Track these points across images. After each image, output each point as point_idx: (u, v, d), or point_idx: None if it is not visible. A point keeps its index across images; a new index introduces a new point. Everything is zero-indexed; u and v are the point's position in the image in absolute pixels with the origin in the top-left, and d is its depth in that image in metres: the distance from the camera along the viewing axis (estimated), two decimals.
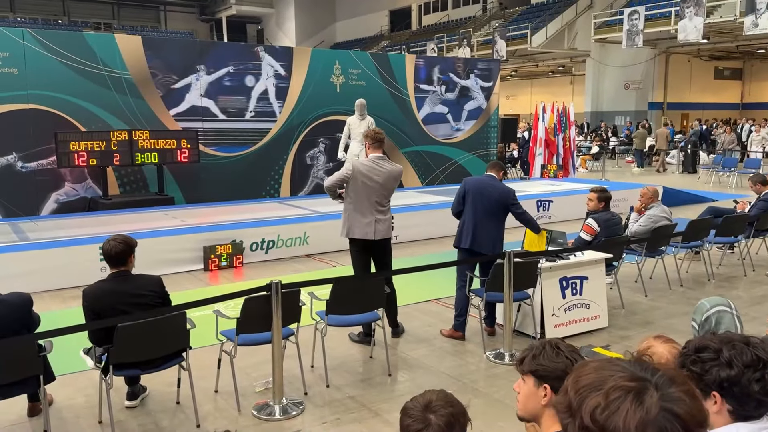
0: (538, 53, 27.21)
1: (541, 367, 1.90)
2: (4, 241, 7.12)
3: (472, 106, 13.72)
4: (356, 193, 5.08)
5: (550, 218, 10.65)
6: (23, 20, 34.07)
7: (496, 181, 5.40)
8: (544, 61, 29.39)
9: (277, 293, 3.95)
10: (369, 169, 5.09)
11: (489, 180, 5.38)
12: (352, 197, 5.10)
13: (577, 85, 31.60)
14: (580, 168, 18.04)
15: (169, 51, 10.34)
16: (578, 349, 2.03)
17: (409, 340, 5.34)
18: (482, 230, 5.22)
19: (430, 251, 8.52)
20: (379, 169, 5.11)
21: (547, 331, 5.24)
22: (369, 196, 5.07)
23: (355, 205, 5.09)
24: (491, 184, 5.35)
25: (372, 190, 5.07)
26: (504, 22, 29.14)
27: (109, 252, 3.79)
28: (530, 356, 1.95)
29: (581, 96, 28.97)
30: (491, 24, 30.22)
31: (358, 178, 5.06)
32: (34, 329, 3.54)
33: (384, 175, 5.11)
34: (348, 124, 10.19)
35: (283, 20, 39.79)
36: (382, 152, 5.21)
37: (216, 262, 7.70)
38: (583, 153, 20.71)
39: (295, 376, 4.48)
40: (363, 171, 5.08)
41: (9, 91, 8.90)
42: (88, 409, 4.08)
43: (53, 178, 9.39)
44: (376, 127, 5.43)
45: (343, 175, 5.12)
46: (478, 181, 5.41)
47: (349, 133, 10.17)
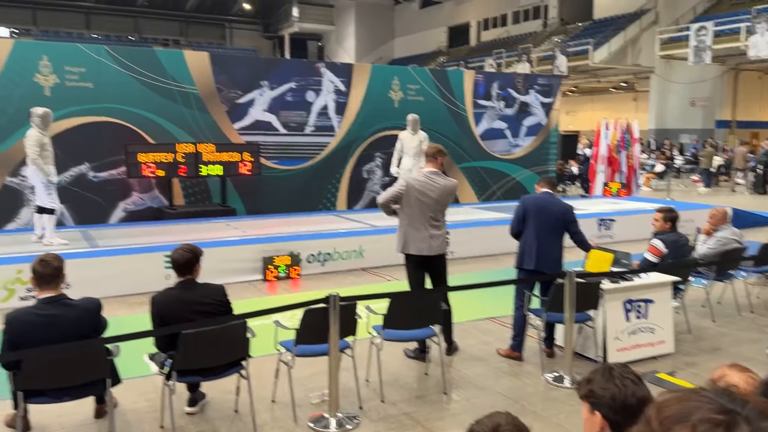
0: (599, 69, 26.68)
1: (591, 393, 1.83)
2: (76, 248, 7.45)
3: (532, 122, 13.55)
4: (410, 208, 5.08)
5: (611, 238, 10.36)
6: (98, 37, 35.83)
7: (555, 197, 5.32)
8: (606, 76, 28.79)
9: (335, 306, 3.98)
10: (423, 184, 5.08)
11: (548, 197, 5.28)
12: (407, 213, 5.10)
13: (640, 102, 30.78)
14: (643, 187, 17.51)
15: (234, 67, 10.66)
16: (641, 376, 1.95)
17: (465, 358, 5.27)
18: (546, 249, 5.12)
19: (485, 268, 8.42)
20: (432, 184, 5.09)
21: (609, 355, 5.08)
22: (423, 212, 5.05)
23: (410, 220, 5.09)
24: (551, 201, 5.26)
25: (426, 205, 5.06)
26: (565, 38, 28.75)
27: (177, 260, 3.92)
28: (585, 380, 1.88)
29: (644, 113, 28.18)
30: (552, 39, 29.86)
31: (411, 193, 5.06)
32: (102, 333, 3.67)
33: (438, 190, 5.09)
34: (400, 138, 10.22)
35: (343, 37, 40.45)
36: (437, 167, 5.19)
37: (274, 272, 7.84)
38: (647, 171, 20.10)
39: (350, 389, 4.48)
40: (416, 186, 5.07)
41: (84, 104, 9.35)
42: (150, 413, 4.20)
43: (122, 187, 9.78)
44: (435, 143, 5.42)
45: (396, 191, 5.13)
46: (537, 198, 5.30)
47: (402, 148, 10.18)
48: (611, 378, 1.84)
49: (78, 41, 25.87)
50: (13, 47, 9.00)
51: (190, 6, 38.67)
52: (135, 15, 38.36)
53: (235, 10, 40.09)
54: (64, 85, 9.19)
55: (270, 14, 41.32)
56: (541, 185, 5.39)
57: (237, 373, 3.99)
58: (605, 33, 26.43)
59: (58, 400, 3.52)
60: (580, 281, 4.80)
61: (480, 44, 35.83)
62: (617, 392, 1.79)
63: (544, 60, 27.31)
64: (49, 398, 3.49)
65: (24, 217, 9.08)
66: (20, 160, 8.80)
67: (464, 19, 37.26)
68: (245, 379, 3.98)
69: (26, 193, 9.05)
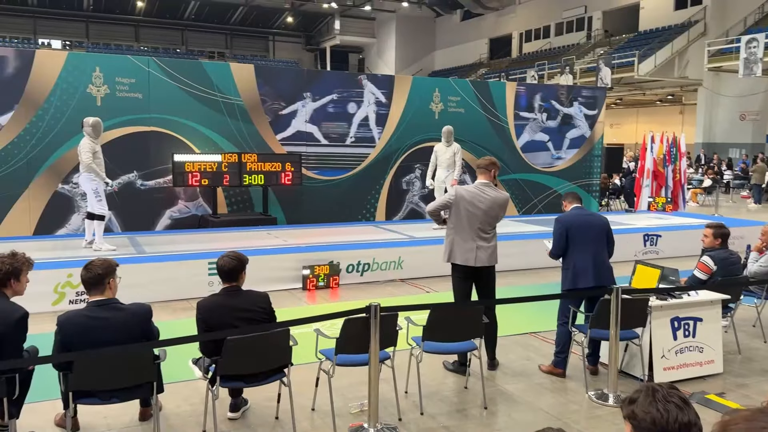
0: (645, 81, 26.20)
1: (633, 414, 1.76)
2: (124, 253, 7.65)
3: (575, 135, 13.37)
4: (458, 218, 5.06)
5: (657, 254, 10.12)
6: (146, 49, 36.95)
7: (588, 210, 5.32)
8: (652, 89, 28.25)
9: (376, 316, 3.98)
10: (472, 195, 5.07)
11: (583, 212, 5.23)
12: (455, 222, 5.09)
13: (687, 115, 30.10)
14: (690, 202, 17.07)
15: (278, 79, 10.84)
16: (690, 396, 1.88)
17: (506, 373, 5.20)
18: (602, 263, 5.02)
19: (525, 282, 8.32)
20: (483, 195, 5.06)
21: (655, 373, 4.95)
22: (471, 223, 5.03)
23: (457, 230, 5.07)
24: (589, 214, 5.25)
25: (474, 216, 5.03)
26: (609, 50, 28.35)
27: (223, 267, 3.99)
28: (628, 400, 1.81)
29: (692, 126, 27.53)
30: (595, 51, 29.48)
31: (460, 203, 5.05)
32: (153, 339, 3.75)
33: (488, 202, 5.06)
34: (435, 151, 10.18)
35: (383, 49, 40.76)
36: (489, 179, 5.17)
37: (314, 281, 7.89)
38: (694, 186, 19.60)
39: (389, 400, 4.47)
40: (466, 197, 5.06)
41: (134, 114, 9.63)
42: (193, 417, 4.27)
43: (168, 195, 10.02)
44: (489, 156, 5.41)
45: (446, 200, 5.15)
46: (575, 216, 5.17)
47: (436, 160, 10.15)
48: (654, 401, 1.75)
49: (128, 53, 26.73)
50: (67, 59, 9.34)
51: (235, 19, 39.54)
52: (182, 28, 39.44)
53: (279, 23, 40.83)
54: (114, 96, 9.49)
55: (312, 27, 41.96)
56: (570, 201, 5.30)
57: (279, 381, 4.03)
58: (651, 45, 25.96)
59: (107, 402, 3.61)
60: (627, 297, 4.70)
61: (522, 56, 35.63)
62: (659, 417, 1.71)
63: (588, 72, 26.97)
64: (98, 399, 3.57)
65: (74, 223, 9.38)
66: (71, 168, 9.11)
67: (506, 31, 37.13)
68: (287, 387, 4.01)
69: (77, 199, 9.35)
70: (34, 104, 9.03)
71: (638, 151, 15.49)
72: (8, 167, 8.96)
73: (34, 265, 3.88)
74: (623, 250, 9.69)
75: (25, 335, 3.57)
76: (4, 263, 3.62)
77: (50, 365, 3.61)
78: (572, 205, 5.25)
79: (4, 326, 3.43)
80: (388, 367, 4.32)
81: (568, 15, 33.18)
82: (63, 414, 3.79)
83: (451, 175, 9.84)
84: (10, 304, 3.57)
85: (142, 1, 35.56)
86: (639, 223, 11.09)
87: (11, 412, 3.42)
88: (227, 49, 40.81)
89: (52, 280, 6.74)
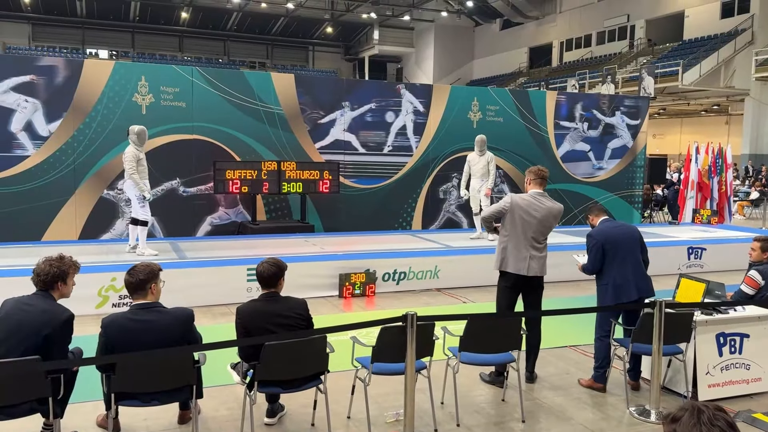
0: (690, 91, 25.60)
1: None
2: (166, 258, 7.80)
3: (617, 145, 13.14)
4: (513, 226, 5.01)
5: (702, 267, 9.84)
6: (189, 59, 37.82)
7: (618, 221, 5.23)
8: (697, 99, 27.58)
9: (412, 325, 3.96)
10: (528, 204, 5.02)
11: (614, 223, 5.15)
12: (509, 230, 5.04)
13: (733, 126, 29.25)
14: (736, 214, 16.57)
15: (318, 88, 10.96)
16: (734, 415, 1.80)
17: (545, 386, 5.12)
18: (642, 275, 4.93)
19: (563, 294, 8.18)
20: (538, 204, 5.02)
21: (699, 390, 4.80)
22: (525, 232, 4.98)
23: (511, 238, 5.02)
24: (621, 226, 5.14)
25: (529, 225, 4.98)
26: (652, 59, 27.82)
27: (262, 273, 4.03)
28: (671, 418, 1.73)
29: (738, 137, 26.75)
30: (638, 60, 28.96)
31: (515, 211, 5.00)
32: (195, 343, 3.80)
33: (543, 211, 5.01)
34: (468, 160, 9.99)
35: (422, 59, 40.83)
36: (543, 189, 5.13)
37: (350, 289, 7.92)
38: (741, 198, 19.02)
39: (425, 410, 4.44)
40: (522, 205, 5.01)
41: (177, 122, 9.85)
42: (230, 422, 4.31)
43: (209, 202, 10.20)
44: (542, 166, 5.36)
45: (500, 207, 5.08)
46: (608, 229, 5.06)
47: (470, 170, 9.98)
48: (699, 423, 1.67)
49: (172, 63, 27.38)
50: (114, 68, 9.62)
51: (276, 30, 40.17)
52: (224, 38, 40.25)
53: (318, 33, 41.32)
54: (159, 104, 9.72)
55: (351, 37, 42.33)
56: (596, 215, 5.23)
57: (315, 387, 4.04)
58: (696, 54, 25.38)
59: (147, 404, 3.67)
60: (671, 311, 4.58)
61: (562, 65, 35.25)
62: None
63: (630, 81, 26.50)
64: (139, 401, 3.64)
65: (118, 228, 9.62)
66: (117, 175, 9.36)
67: (546, 40, 36.80)
68: (323, 394, 4.02)
69: (121, 205, 9.60)
70: (82, 112, 9.32)
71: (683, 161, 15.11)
72: (56, 173, 9.25)
73: (80, 269, 3.98)
74: (667, 263, 9.50)
75: (71, 337, 3.67)
76: (52, 266, 3.73)
77: (93, 367, 3.69)
78: (600, 218, 5.17)
79: (51, 327, 3.53)
80: (424, 377, 4.29)
81: (610, 24, 32.70)
82: (105, 415, 3.87)
83: (485, 185, 9.69)
84: (57, 305, 3.67)
85: (186, 12, 36.45)
86: (683, 236, 10.82)
87: (56, 411, 3.50)
88: (268, 59, 41.47)
89: (97, 284, 6.92)
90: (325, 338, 3.92)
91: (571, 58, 34.99)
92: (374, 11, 36.10)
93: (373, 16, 36.87)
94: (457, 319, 4.59)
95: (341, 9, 36.43)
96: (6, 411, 3.39)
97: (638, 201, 13.52)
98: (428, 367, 4.31)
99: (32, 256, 6.90)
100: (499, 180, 12.12)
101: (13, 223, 8.99)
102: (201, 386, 3.84)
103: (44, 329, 3.50)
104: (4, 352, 3.44)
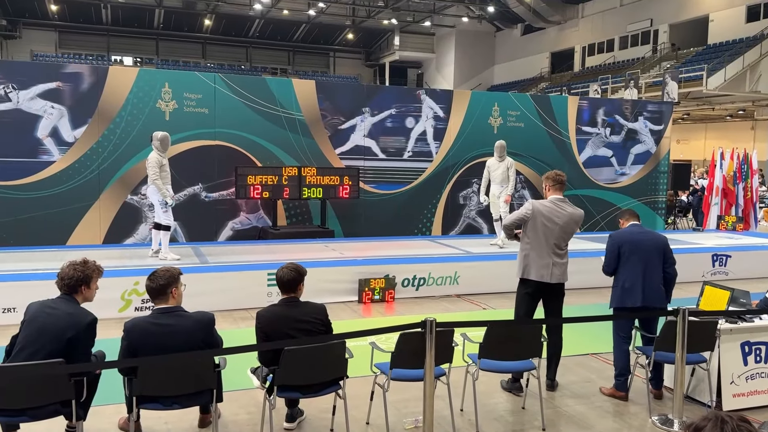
0: (714, 96, 25.23)
1: None
2: (188, 263, 7.88)
3: (640, 150, 13.00)
4: (535, 233, 4.99)
5: (727, 275, 9.67)
6: (212, 66, 38.25)
7: (645, 228, 5.15)
8: (722, 104, 27.17)
9: (432, 331, 3.95)
10: (549, 210, 5.00)
11: (639, 229, 5.08)
12: (531, 237, 5.02)
13: (759, 131, 28.77)
14: (762, 221, 16.25)
15: (338, 94, 11.02)
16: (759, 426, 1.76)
17: (566, 395, 5.06)
18: (651, 283, 4.87)
19: (585, 302, 8.09)
20: (560, 211, 5.01)
21: (724, 400, 4.71)
22: (548, 238, 4.97)
23: (533, 245, 5.00)
24: (645, 232, 5.09)
25: (551, 231, 4.97)
26: (676, 63, 27.48)
27: (282, 278, 4.06)
28: (694, 427, 1.70)
29: (764, 142, 26.31)
30: (662, 65, 28.63)
31: (537, 218, 4.98)
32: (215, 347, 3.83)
33: (565, 217, 5.01)
34: (487, 166, 9.87)
35: (442, 64, 40.80)
36: (562, 194, 5.11)
37: (369, 295, 7.92)
38: (767, 205, 18.67)
39: (444, 417, 4.42)
40: (543, 212, 4.99)
41: (199, 128, 9.96)
42: (250, 426, 4.33)
43: (231, 207, 10.29)
44: (558, 170, 5.35)
45: (522, 214, 5.05)
46: (629, 233, 5.06)
47: (489, 176, 9.85)
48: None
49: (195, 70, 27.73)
50: (138, 75, 9.76)
51: (298, 36, 40.46)
52: (247, 45, 40.63)
53: (340, 39, 41.52)
54: (182, 111, 9.84)
55: (372, 43, 42.47)
56: (627, 218, 5.21)
57: (334, 393, 4.04)
58: (721, 58, 25.01)
59: (168, 408, 3.70)
60: (694, 319, 4.50)
61: (584, 70, 34.96)
62: None
63: (653, 86, 26.20)
64: (160, 405, 3.67)
65: (141, 232, 9.74)
66: (140, 180, 9.49)
67: (568, 45, 36.55)
68: (342, 399, 4.02)
69: (144, 210, 9.72)
70: (107, 118, 9.47)
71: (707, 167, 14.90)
72: (81, 178, 9.40)
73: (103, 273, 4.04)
74: (691, 270, 9.35)
75: (94, 340, 3.72)
76: (76, 270, 3.78)
77: (116, 370, 3.74)
78: (629, 223, 5.15)
79: (75, 330, 3.58)
80: (443, 383, 4.27)
81: (633, 28, 32.38)
82: (127, 418, 3.92)
83: (505, 191, 9.57)
84: (80, 309, 3.73)
85: (209, 19, 36.87)
86: (708, 243, 10.66)
87: (78, 414, 3.55)
88: (290, 65, 41.76)
89: (120, 288, 7.01)
90: (344, 343, 3.92)
91: (594, 63, 34.69)
92: (395, 17, 36.17)
93: (394, 22, 36.95)
94: (476, 326, 4.56)
95: (362, 15, 36.58)
96: (30, 413, 3.45)
97: (662, 207, 13.35)
98: (447, 374, 4.29)
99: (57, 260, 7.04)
100: (520, 186, 12.05)
101: (39, 228, 9.15)
102: (221, 390, 3.87)
103: (68, 332, 3.56)
104: (29, 355, 3.50)
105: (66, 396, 3.46)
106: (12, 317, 6.43)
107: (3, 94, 8.99)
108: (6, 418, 3.47)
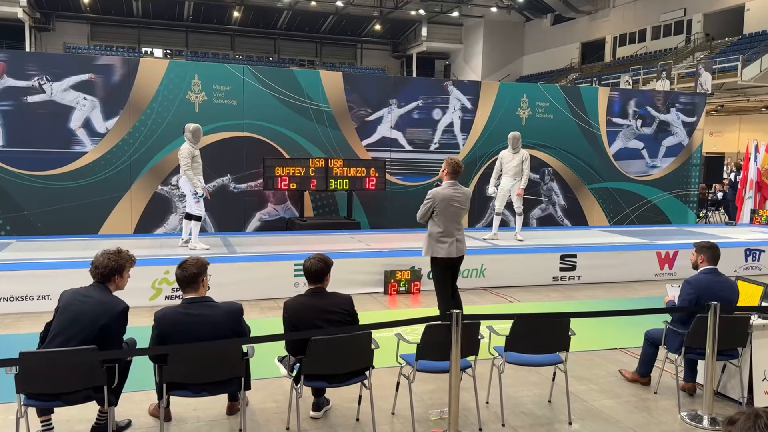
0: (749, 87, 24.60)
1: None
2: (217, 253, 7.98)
3: (672, 142, 12.74)
4: (444, 215, 5.79)
5: (760, 270, 9.46)
6: (240, 58, 38.53)
7: (724, 276, 4.83)
8: (757, 95, 26.48)
9: (458, 323, 3.94)
10: (451, 194, 5.82)
11: (719, 278, 4.76)
12: (439, 220, 5.81)
13: None
14: None
15: (365, 86, 11.01)
16: None
17: (593, 389, 5.02)
18: None
19: (614, 295, 7.99)
20: (457, 194, 5.86)
21: (755, 397, 4.62)
22: (454, 217, 5.83)
23: (441, 225, 5.82)
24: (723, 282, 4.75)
25: (457, 211, 5.84)
26: (710, 54, 26.85)
27: (309, 269, 4.08)
28: (728, 421, 1.71)
29: None
30: (695, 56, 27.99)
31: (441, 202, 5.78)
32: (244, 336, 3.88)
33: (462, 197, 5.88)
34: (500, 157, 9.58)
35: (470, 55, 40.47)
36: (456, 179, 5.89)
37: (395, 286, 7.93)
38: None
39: (469, 409, 4.42)
40: (446, 196, 5.80)
41: (229, 120, 10.05)
42: (277, 414, 4.38)
43: (259, 198, 10.38)
44: (458, 159, 6.05)
45: (429, 204, 5.83)
46: (709, 283, 4.68)
47: (501, 167, 9.56)
48: (754, 427, 1.63)
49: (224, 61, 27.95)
50: (168, 67, 9.88)
51: (326, 28, 40.52)
52: (275, 37, 40.82)
53: (367, 31, 41.45)
54: (211, 102, 9.94)
55: (399, 34, 42.31)
56: (705, 259, 4.85)
57: (360, 383, 4.07)
58: (757, 48, 24.34)
59: (197, 395, 3.77)
60: (726, 315, 4.42)
61: (615, 60, 34.37)
62: None
63: (686, 77, 25.65)
64: (189, 392, 3.74)
65: (171, 222, 9.89)
66: (171, 171, 9.62)
67: (599, 35, 35.94)
68: (368, 389, 4.04)
69: (174, 200, 9.86)
70: (138, 110, 9.61)
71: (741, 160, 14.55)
72: (113, 169, 9.57)
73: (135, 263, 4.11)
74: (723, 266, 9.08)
75: (126, 327, 3.80)
76: (110, 260, 3.86)
77: (146, 357, 3.81)
78: (705, 265, 4.85)
79: (107, 318, 3.66)
80: (469, 375, 4.27)
81: (666, 18, 31.70)
82: (157, 404, 3.99)
83: (518, 184, 9.30)
84: (113, 297, 3.80)
85: (238, 11, 37.12)
86: (741, 237, 10.43)
87: (110, 400, 3.63)
88: (317, 57, 41.85)
89: (150, 277, 7.14)
90: (370, 334, 3.94)
91: (625, 54, 34.06)
92: (423, 8, 35.95)
93: (422, 13, 36.73)
94: (502, 319, 4.54)
95: (390, 6, 36.43)
96: (64, 398, 3.54)
97: (694, 200, 13.09)
98: (473, 366, 4.29)
99: (89, 248, 7.19)
100: (548, 178, 11.93)
101: (72, 217, 9.35)
102: (249, 378, 3.93)
103: (101, 320, 3.64)
104: (63, 342, 3.59)
105: (98, 382, 3.54)
106: (46, 304, 6.60)
107: (37, 85, 9.18)
108: (40, 402, 3.57)
